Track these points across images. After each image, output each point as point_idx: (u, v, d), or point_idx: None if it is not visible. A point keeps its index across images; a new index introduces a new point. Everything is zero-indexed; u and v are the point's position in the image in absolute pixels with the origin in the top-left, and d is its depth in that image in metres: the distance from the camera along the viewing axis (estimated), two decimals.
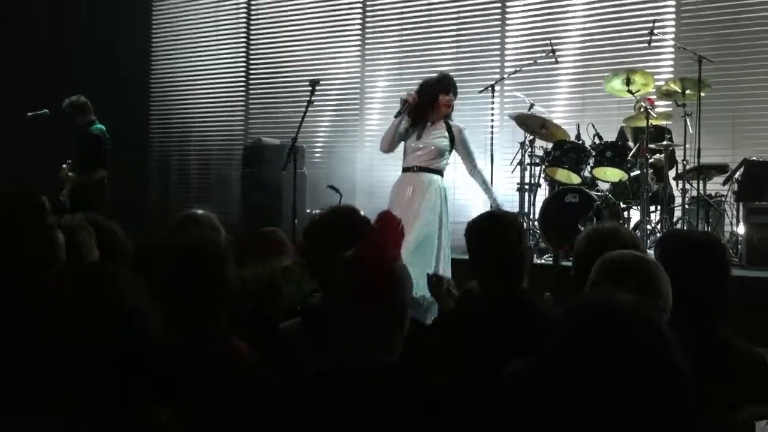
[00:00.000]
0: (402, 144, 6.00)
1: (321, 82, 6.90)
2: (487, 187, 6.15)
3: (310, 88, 6.54)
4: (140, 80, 11.00)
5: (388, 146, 5.99)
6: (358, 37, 9.70)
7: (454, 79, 6.10)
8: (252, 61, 10.53)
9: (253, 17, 10.51)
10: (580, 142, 7.31)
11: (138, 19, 10.94)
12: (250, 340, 2.32)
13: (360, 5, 9.69)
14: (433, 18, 9.17)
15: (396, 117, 5.94)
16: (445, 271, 5.57)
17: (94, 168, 7.72)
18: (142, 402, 1.63)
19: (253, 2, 10.50)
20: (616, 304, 1.55)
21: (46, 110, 7.97)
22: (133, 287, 1.67)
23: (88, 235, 2.71)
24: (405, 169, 5.98)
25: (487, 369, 2.13)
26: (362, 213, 2.86)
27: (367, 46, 9.65)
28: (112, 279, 1.67)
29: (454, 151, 5.95)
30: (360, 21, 9.70)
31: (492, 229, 2.94)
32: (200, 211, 3.15)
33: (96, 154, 7.72)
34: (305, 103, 6.49)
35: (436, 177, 5.88)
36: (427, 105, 5.88)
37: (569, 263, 4.15)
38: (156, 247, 2.39)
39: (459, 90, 6.12)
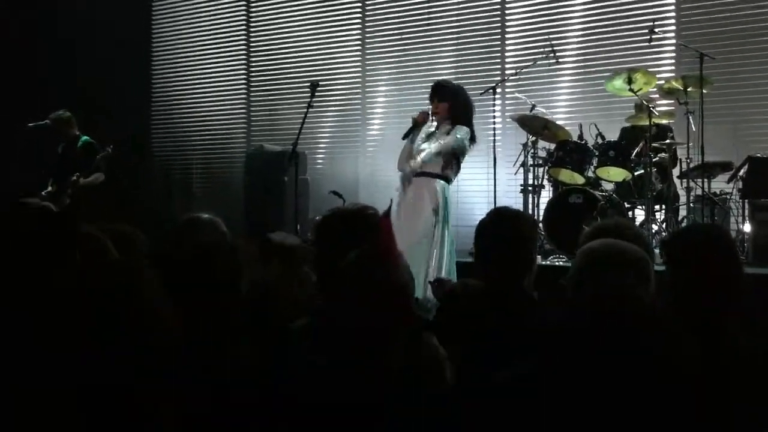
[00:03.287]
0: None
1: (322, 87, 6.90)
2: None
3: (310, 92, 6.54)
4: (142, 88, 10.99)
5: (404, 166, 6.04)
6: (359, 42, 9.68)
7: (451, 81, 6.34)
8: (253, 68, 10.51)
9: (253, 25, 10.49)
10: (583, 142, 7.28)
11: (138, 27, 10.93)
12: (257, 343, 2.29)
13: (359, 9, 9.67)
14: (433, 21, 9.14)
15: (404, 138, 6.00)
16: (450, 274, 5.55)
17: (91, 173, 7.90)
18: (151, 398, 1.61)
19: (252, 9, 10.49)
20: (617, 304, 1.55)
21: (47, 121, 8.13)
22: (153, 285, 1.67)
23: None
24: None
25: (485, 367, 2.11)
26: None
27: (367, 51, 9.63)
28: (135, 275, 1.67)
29: (462, 158, 6.01)
30: (360, 25, 9.68)
31: (499, 226, 2.93)
32: (205, 215, 3.12)
33: (93, 161, 7.90)
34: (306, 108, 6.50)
35: (436, 181, 5.87)
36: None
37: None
38: (165, 249, 2.37)
39: None
